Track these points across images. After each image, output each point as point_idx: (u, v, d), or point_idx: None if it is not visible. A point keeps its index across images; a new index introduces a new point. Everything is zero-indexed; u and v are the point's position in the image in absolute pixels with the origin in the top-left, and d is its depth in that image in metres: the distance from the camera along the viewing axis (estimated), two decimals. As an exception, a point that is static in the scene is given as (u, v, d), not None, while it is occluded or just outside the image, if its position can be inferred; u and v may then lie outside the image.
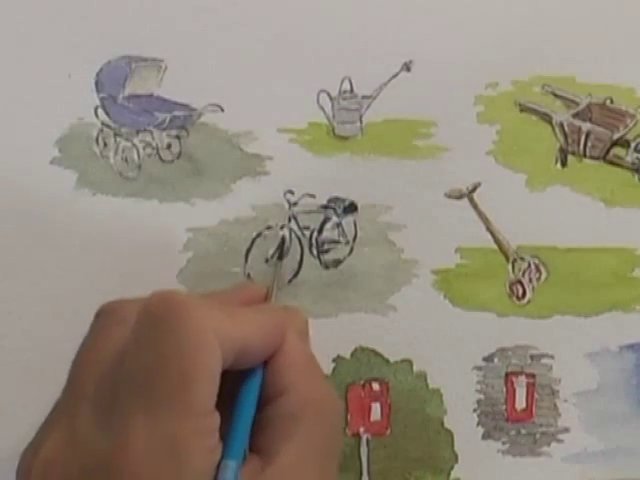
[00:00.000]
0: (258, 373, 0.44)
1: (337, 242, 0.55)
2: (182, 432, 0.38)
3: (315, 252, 0.55)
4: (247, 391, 0.43)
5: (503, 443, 0.55)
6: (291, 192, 0.54)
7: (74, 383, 0.42)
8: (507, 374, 0.55)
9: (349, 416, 0.54)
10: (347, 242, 0.55)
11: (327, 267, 0.55)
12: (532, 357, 0.55)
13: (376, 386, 0.54)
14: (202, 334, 0.39)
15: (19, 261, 0.54)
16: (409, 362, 0.54)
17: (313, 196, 0.54)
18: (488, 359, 0.54)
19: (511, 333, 0.54)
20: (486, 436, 0.55)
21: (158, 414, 0.38)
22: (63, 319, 0.54)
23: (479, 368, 0.54)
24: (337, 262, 0.55)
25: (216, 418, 0.40)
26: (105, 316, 0.44)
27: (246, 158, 0.55)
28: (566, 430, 0.54)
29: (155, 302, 0.40)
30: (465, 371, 0.54)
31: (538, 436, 0.55)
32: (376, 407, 0.55)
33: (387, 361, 0.54)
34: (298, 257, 0.55)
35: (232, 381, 0.42)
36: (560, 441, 0.54)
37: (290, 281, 0.54)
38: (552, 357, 0.54)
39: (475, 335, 0.54)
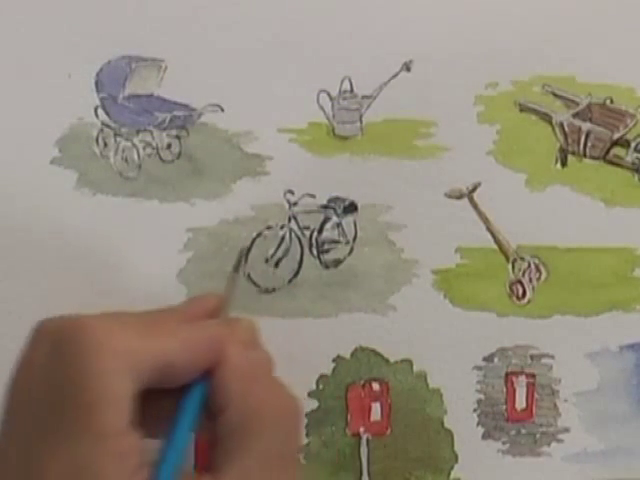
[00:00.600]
0: (197, 389, 0.43)
1: (337, 242, 0.55)
2: (94, 455, 0.38)
3: (315, 252, 0.55)
4: (184, 407, 0.42)
5: (503, 443, 0.55)
6: (291, 192, 0.54)
7: (5, 414, 0.42)
8: (507, 374, 0.55)
9: (349, 416, 0.54)
10: (347, 242, 0.55)
11: (327, 267, 0.55)
12: (532, 357, 0.55)
13: (376, 386, 0.54)
14: (102, 356, 0.39)
15: (19, 261, 0.54)
16: (409, 362, 0.54)
17: (313, 196, 0.54)
18: (488, 359, 0.54)
19: (511, 333, 0.54)
20: (486, 436, 0.55)
21: (68, 440, 0.38)
22: (63, 319, 0.54)
23: (479, 368, 0.54)
24: (337, 262, 0.55)
25: (134, 438, 0.39)
26: (34, 335, 0.43)
27: (246, 158, 0.55)
28: (566, 430, 0.54)
29: (58, 326, 0.40)
30: (465, 371, 0.54)
31: (538, 436, 0.55)
32: (376, 407, 0.55)
33: (387, 361, 0.54)
34: (298, 257, 0.55)
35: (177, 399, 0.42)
36: (560, 441, 0.54)
37: (290, 281, 0.54)
38: (552, 357, 0.54)
39: (475, 335, 0.54)
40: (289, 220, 0.55)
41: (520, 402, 0.55)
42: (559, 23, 0.54)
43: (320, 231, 0.55)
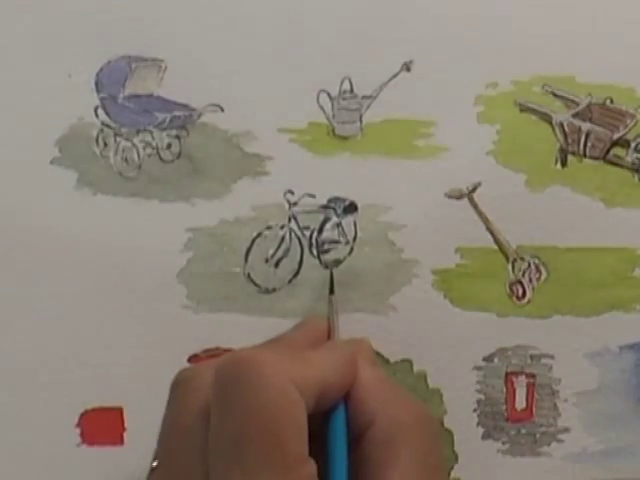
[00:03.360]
0: (341, 410, 0.44)
1: (337, 242, 0.55)
2: None
3: (315, 252, 0.55)
4: (335, 430, 0.44)
5: (503, 443, 0.55)
6: (291, 192, 0.54)
7: (163, 458, 0.43)
8: (507, 374, 0.55)
9: (349, 416, 0.54)
10: (347, 242, 0.55)
11: (327, 267, 0.55)
12: (532, 357, 0.55)
13: (376, 386, 0.54)
14: (282, 388, 0.40)
15: (19, 261, 0.54)
16: (409, 362, 0.54)
17: (313, 196, 0.54)
18: (488, 359, 0.54)
19: (511, 333, 0.54)
20: (486, 436, 0.55)
21: (255, 474, 0.38)
22: (63, 319, 0.54)
23: (479, 368, 0.54)
24: (337, 262, 0.55)
25: (312, 465, 0.40)
26: (180, 386, 0.45)
27: (246, 158, 0.55)
28: (566, 430, 0.54)
29: (228, 366, 0.41)
30: (465, 371, 0.54)
31: (538, 436, 0.55)
32: (376, 407, 0.54)
33: (387, 361, 0.54)
34: (298, 257, 0.55)
35: (316, 423, 0.42)
36: (560, 441, 0.54)
37: (290, 281, 0.54)
38: (552, 357, 0.54)
39: (475, 335, 0.54)
40: (289, 220, 0.55)
41: (520, 402, 0.55)
42: (559, 23, 0.54)
43: (320, 231, 0.55)
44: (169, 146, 0.55)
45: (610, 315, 0.54)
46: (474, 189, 0.54)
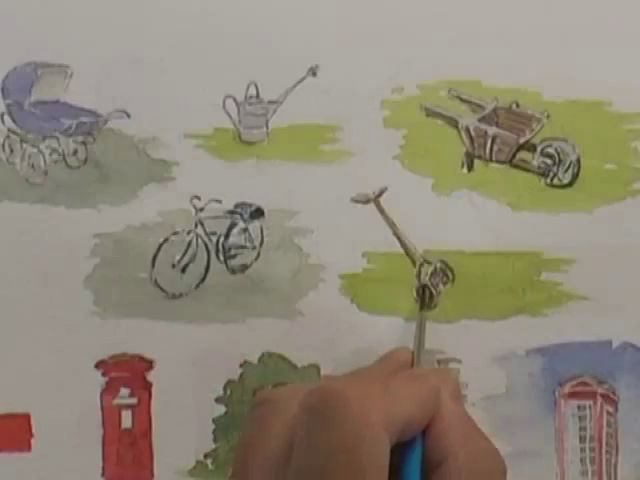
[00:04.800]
0: (418, 443, 0.44)
1: (244, 247, 0.55)
2: None
3: (222, 257, 0.55)
4: (410, 462, 0.44)
5: (412, 448, 0.55)
6: (197, 197, 0.54)
7: (240, 475, 0.44)
8: (415, 378, 0.55)
9: (257, 421, 0.54)
10: (254, 247, 0.55)
11: (234, 272, 0.55)
12: (439, 361, 0.55)
13: (283, 391, 0.55)
14: (368, 424, 0.40)
15: None
16: (316, 367, 0.54)
17: (219, 201, 0.54)
18: (395, 363, 0.54)
19: (419, 337, 0.54)
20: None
21: None
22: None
23: (386, 373, 0.54)
24: (244, 267, 0.55)
25: None
26: (263, 407, 0.45)
27: (152, 164, 0.55)
28: (474, 434, 0.54)
29: (316, 399, 0.41)
30: (372, 376, 0.54)
31: (446, 440, 0.55)
32: (284, 412, 0.55)
33: (294, 366, 0.54)
34: (205, 263, 0.55)
35: (392, 453, 0.42)
36: (468, 445, 0.54)
37: (197, 286, 0.54)
38: (459, 361, 0.54)
39: (382, 340, 0.54)
40: (196, 225, 0.55)
41: (428, 406, 0.55)
42: (464, 26, 0.54)
43: (227, 236, 0.55)
44: (75, 152, 0.55)
45: (517, 319, 0.54)
46: (380, 194, 0.54)
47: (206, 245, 0.55)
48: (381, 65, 0.54)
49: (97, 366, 0.54)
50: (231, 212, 0.55)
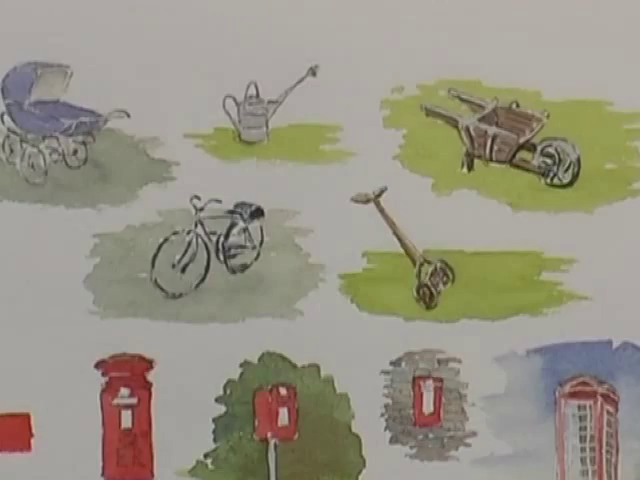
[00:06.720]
0: None
1: (244, 247, 0.55)
2: None
3: (222, 257, 0.55)
4: None
5: (411, 447, 0.55)
6: (197, 197, 0.54)
7: None
8: (414, 378, 0.55)
9: (257, 421, 0.54)
10: (254, 247, 0.55)
11: (234, 272, 0.55)
12: (439, 361, 0.54)
13: (283, 391, 0.54)
14: None
15: None
16: (316, 367, 0.54)
17: (219, 201, 0.54)
18: (395, 363, 0.54)
19: (418, 337, 0.54)
20: (394, 440, 0.55)
21: None
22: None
23: (386, 372, 0.54)
24: (244, 267, 0.55)
25: None
26: None
27: (152, 164, 0.54)
28: (474, 434, 0.54)
29: None
30: (372, 375, 0.54)
31: (446, 440, 0.54)
32: (284, 412, 0.55)
33: (294, 366, 0.54)
34: (205, 262, 0.55)
35: None
36: (468, 445, 0.54)
37: (197, 286, 0.54)
38: (459, 361, 0.54)
39: (382, 339, 0.54)
40: (195, 225, 0.55)
41: (427, 406, 0.55)
42: (464, 26, 0.54)
43: (227, 236, 0.55)
44: (75, 152, 0.55)
45: (517, 319, 0.54)
46: (380, 194, 0.54)
47: (206, 245, 0.55)
48: (381, 65, 0.54)
49: (97, 366, 0.54)
50: (231, 212, 0.55)
